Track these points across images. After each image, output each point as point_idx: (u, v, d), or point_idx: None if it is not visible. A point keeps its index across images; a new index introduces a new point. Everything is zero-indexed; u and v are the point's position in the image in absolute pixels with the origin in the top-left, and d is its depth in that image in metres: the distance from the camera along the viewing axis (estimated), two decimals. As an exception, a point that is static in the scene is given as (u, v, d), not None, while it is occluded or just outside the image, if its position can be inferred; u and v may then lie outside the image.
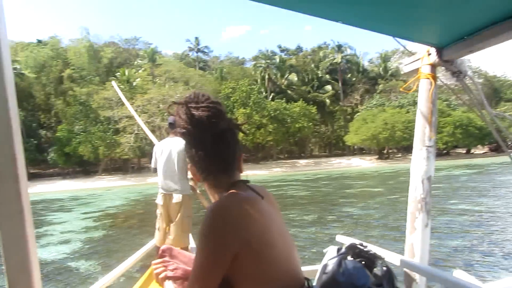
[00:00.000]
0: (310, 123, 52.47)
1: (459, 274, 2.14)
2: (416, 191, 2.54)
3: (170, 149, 4.39)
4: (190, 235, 4.46)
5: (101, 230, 12.70)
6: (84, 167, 48.59)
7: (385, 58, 65.42)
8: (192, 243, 4.33)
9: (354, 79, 65.43)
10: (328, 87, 63.21)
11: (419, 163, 2.54)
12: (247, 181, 1.26)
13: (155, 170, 4.60)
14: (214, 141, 1.18)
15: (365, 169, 42.41)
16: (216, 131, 1.17)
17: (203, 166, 1.22)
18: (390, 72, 62.66)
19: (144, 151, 41.22)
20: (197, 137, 1.18)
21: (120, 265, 3.13)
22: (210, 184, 1.26)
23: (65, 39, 59.76)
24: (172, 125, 4.42)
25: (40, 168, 48.50)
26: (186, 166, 4.06)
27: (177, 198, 4.31)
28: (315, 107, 55.22)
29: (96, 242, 10.88)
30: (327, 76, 65.10)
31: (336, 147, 66.43)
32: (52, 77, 50.19)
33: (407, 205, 2.61)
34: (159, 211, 4.46)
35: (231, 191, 1.18)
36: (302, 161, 53.36)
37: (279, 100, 54.15)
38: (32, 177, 41.59)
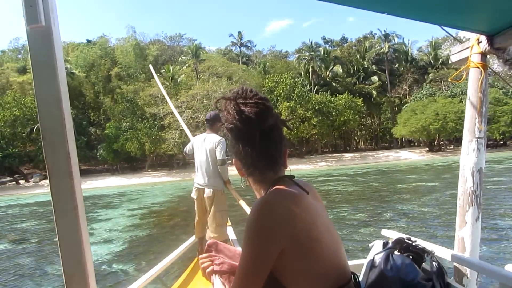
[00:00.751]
0: (356, 116, 50.75)
1: None
2: (466, 184, 2.52)
3: (205, 145, 4.49)
4: (231, 228, 4.58)
5: (144, 229, 12.57)
6: (132, 163, 49.81)
7: (435, 46, 62.10)
8: (232, 235, 4.43)
9: (402, 69, 62.65)
10: (375, 78, 61.00)
11: (469, 155, 2.50)
12: (292, 177, 1.24)
13: (185, 153, 4.86)
14: (261, 137, 1.17)
15: (415, 162, 40.49)
16: (263, 127, 1.17)
17: (249, 161, 1.22)
18: (441, 60, 59.50)
19: (189, 147, 41.51)
20: (244, 133, 1.18)
21: (164, 259, 3.35)
22: (255, 180, 1.26)
23: (113, 39, 61.73)
24: (208, 121, 4.56)
25: (90, 165, 50.29)
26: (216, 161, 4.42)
27: (208, 192, 4.41)
28: (361, 99, 53.37)
29: (138, 242, 10.73)
30: (374, 67, 62.80)
31: (383, 140, 64.31)
32: (100, 75, 51.70)
33: (457, 198, 2.57)
34: (195, 205, 4.60)
35: (277, 186, 1.19)
36: (348, 155, 51.98)
37: (324, 92, 52.82)
38: (83, 173, 43.01)
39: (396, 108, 58.06)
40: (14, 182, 44.18)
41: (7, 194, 37.10)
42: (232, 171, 1.67)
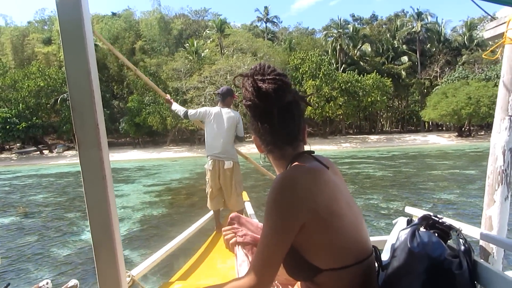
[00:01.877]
0: (384, 97, 48.95)
1: None
2: (496, 163, 2.45)
3: (224, 118, 4.54)
4: (249, 202, 4.65)
5: (159, 207, 12.06)
6: (154, 137, 49.92)
7: (470, 26, 59.16)
8: (250, 210, 4.45)
9: (434, 49, 59.87)
10: (404, 58, 58.68)
11: (501, 133, 2.44)
12: (312, 152, 1.24)
13: (187, 116, 4.76)
14: (280, 113, 1.17)
15: (444, 147, 38.93)
16: (281, 103, 1.17)
17: (268, 138, 1.22)
18: (475, 42, 56.68)
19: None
20: (262, 110, 1.18)
21: (183, 233, 3.42)
22: (275, 156, 1.26)
23: (138, 12, 61.22)
24: (220, 95, 4.71)
25: (112, 137, 50.56)
26: (234, 135, 4.59)
27: (228, 164, 4.49)
28: (390, 79, 51.34)
29: (150, 222, 10.18)
30: (404, 47, 60.37)
31: (409, 123, 62.38)
32: (125, 48, 51.51)
33: (486, 177, 2.51)
34: (208, 176, 4.60)
35: (297, 162, 1.20)
36: (373, 137, 50.60)
37: (351, 71, 50.98)
38: (105, 145, 43.26)
39: (426, 91, 55.91)
40: (38, 152, 44.76)
41: (30, 163, 37.58)
42: (254, 148, 1.34)
